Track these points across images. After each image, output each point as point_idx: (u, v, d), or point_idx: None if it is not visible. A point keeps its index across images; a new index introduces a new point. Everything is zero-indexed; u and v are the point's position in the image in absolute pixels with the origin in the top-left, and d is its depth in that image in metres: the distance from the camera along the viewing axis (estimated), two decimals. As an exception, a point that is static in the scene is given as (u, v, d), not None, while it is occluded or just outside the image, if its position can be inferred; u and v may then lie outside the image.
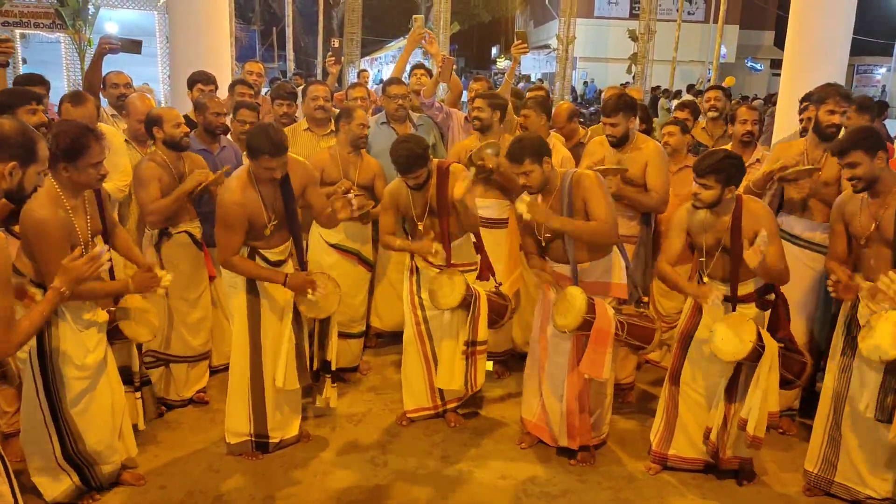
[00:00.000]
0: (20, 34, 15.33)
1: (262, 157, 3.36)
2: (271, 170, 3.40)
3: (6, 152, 2.40)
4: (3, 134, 2.41)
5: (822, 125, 3.90)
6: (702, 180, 3.29)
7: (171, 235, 3.99)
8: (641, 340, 3.55)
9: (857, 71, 27.96)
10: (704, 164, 3.29)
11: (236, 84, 5.24)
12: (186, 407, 4.22)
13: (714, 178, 3.25)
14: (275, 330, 3.63)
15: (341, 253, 4.46)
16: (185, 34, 8.29)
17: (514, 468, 3.71)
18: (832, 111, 3.86)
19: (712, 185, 3.27)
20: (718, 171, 3.24)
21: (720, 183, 3.26)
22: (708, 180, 3.27)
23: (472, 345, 3.89)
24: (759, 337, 3.24)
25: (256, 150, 3.36)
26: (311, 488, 3.49)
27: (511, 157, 3.50)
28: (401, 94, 4.92)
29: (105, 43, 4.17)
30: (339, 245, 4.45)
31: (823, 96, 3.89)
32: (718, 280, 3.46)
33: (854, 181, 3.24)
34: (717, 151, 3.37)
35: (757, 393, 3.29)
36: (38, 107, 3.61)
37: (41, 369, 3.03)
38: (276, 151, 3.36)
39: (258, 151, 3.36)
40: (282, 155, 3.39)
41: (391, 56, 29.70)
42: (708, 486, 3.58)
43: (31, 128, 2.52)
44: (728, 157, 3.30)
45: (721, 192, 3.27)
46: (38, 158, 2.49)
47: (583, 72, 27.92)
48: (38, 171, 2.50)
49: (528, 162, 3.44)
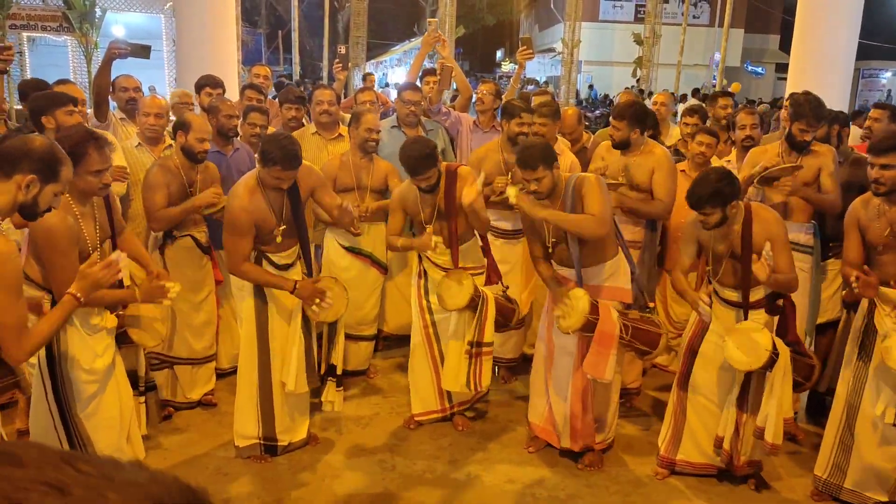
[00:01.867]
0: (27, 37, 15.40)
1: (275, 168, 3.37)
2: (280, 180, 3.41)
3: (29, 165, 2.42)
4: (31, 147, 2.44)
5: (795, 138, 4.01)
6: (700, 211, 3.30)
7: (175, 239, 4.00)
8: (647, 345, 3.55)
9: (863, 75, 27.90)
10: (696, 196, 3.27)
11: (246, 88, 5.27)
12: (195, 409, 4.23)
13: (709, 206, 3.26)
14: (283, 333, 3.64)
15: (355, 256, 4.48)
16: (191, 38, 8.35)
17: (522, 472, 3.71)
18: (803, 130, 3.96)
19: (712, 212, 3.28)
20: (713, 200, 3.24)
21: (718, 207, 3.26)
22: (705, 210, 3.28)
23: (477, 346, 3.89)
24: (774, 345, 3.24)
25: (270, 160, 3.36)
26: (318, 491, 3.49)
27: (524, 164, 3.49)
28: (415, 100, 4.92)
29: (114, 48, 4.19)
30: (353, 248, 4.46)
31: (798, 114, 3.97)
32: (729, 287, 3.46)
33: (879, 184, 3.22)
34: (704, 179, 3.31)
35: (772, 401, 3.28)
36: (76, 108, 3.67)
37: (50, 373, 3.04)
38: (290, 165, 3.37)
39: (272, 161, 3.36)
40: (294, 169, 3.40)
41: (396, 59, 29.78)
42: (715, 492, 3.58)
43: (61, 150, 2.53)
44: (716, 181, 3.25)
45: (724, 212, 3.28)
46: (59, 179, 2.50)
47: (587, 75, 27.92)
48: (56, 191, 2.51)
49: (541, 168, 3.44)
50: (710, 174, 3.33)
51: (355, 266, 4.45)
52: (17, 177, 2.41)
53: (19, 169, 2.42)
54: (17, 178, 2.41)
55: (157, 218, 3.86)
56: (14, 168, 2.42)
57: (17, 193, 2.41)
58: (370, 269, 4.56)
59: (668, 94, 6.35)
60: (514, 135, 4.44)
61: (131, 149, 4.28)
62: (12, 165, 2.43)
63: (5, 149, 2.48)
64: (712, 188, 3.23)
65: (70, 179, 2.62)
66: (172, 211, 3.85)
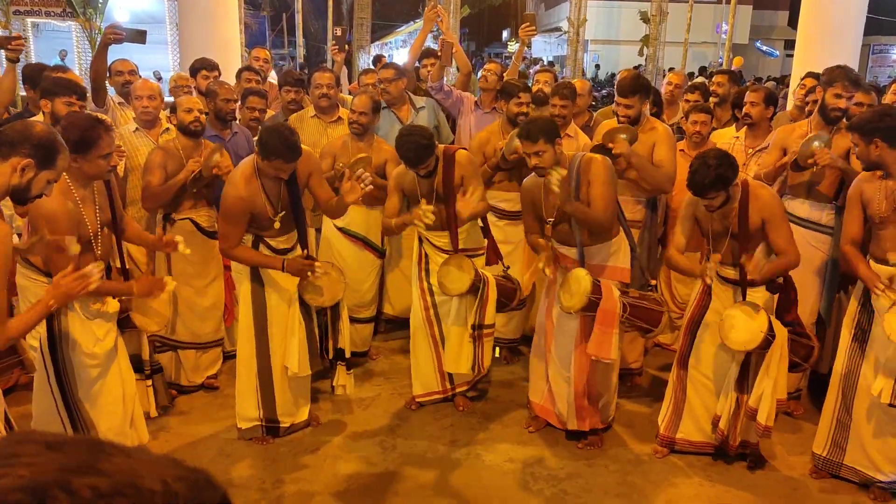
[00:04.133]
0: (31, 23, 15.39)
1: (276, 161, 3.34)
2: (281, 171, 3.40)
3: (27, 149, 2.45)
4: (31, 131, 2.48)
5: (828, 108, 3.86)
6: (705, 197, 3.28)
7: (174, 222, 4.03)
8: (648, 323, 3.55)
9: (873, 51, 27.50)
10: (699, 184, 3.24)
11: (243, 71, 5.26)
12: (197, 392, 4.27)
13: (713, 191, 3.24)
14: (282, 316, 3.66)
15: (349, 238, 4.50)
16: (194, 21, 8.31)
17: (522, 452, 3.73)
18: (839, 95, 3.81)
19: (717, 196, 3.27)
20: (716, 185, 3.22)
21: (721, 190, 3.25)
22: (710, 195, 3.27)
23: (479, 328, 3.91)
24: (769, 326, 3.23)
25: (271, 152, 3.32)
26: (320, 472, 3.53)
27: (526, 136, 3.48)
28: (386, 77, 4.93)
29: (110, 33, 4.19)
30: (346, 229, 4.48)
31: (832, 79, 3.83)
32: (728, 265, 3.45)
33: None
34: (703, 164, 3.24)
35: (766, 382, 3.28)
36: (77, 102, 3.71)
37: (52, 357, 3.08)
38: (291, 157, 3.36)
39: (273, 153, 3.32)
40: (295, 160, 3.38)
41: (401, 41, 29.57)
42: (714, 470, 3.59)
43: (60, 139, 2.56)
44: (716, 166, 3.21)
45: (728, 194, 3.27)
46: (55, 167, 2.53)
47: (594, 54, 27.65)
48: (50, 178, 2.54)
49: (542, 142, 3.43)
50: (708, 160, 3.26)
51: (351, 248, 4.47)
52: (14, 159, 2.44)
53: (17, 152, 2.45)
54: (13, 161, 2.43)
55: (145, 196, 3.91)
56: (12, 150, 2.45)
57: (11, 176, 2.44)
58: (363, 252, 4.57)
59: (682, 74, 6.21)
60: (514, 115, 4.44)
61: (129, 133, 4.29)
62: (10, 147, 2.45)
63: (6, 131, 2.51)
64: (714, 174, 3.20)
65: (65, 169, 2.64)
66: (157, 188, 3.86)
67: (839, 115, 3.84)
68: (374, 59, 11.85)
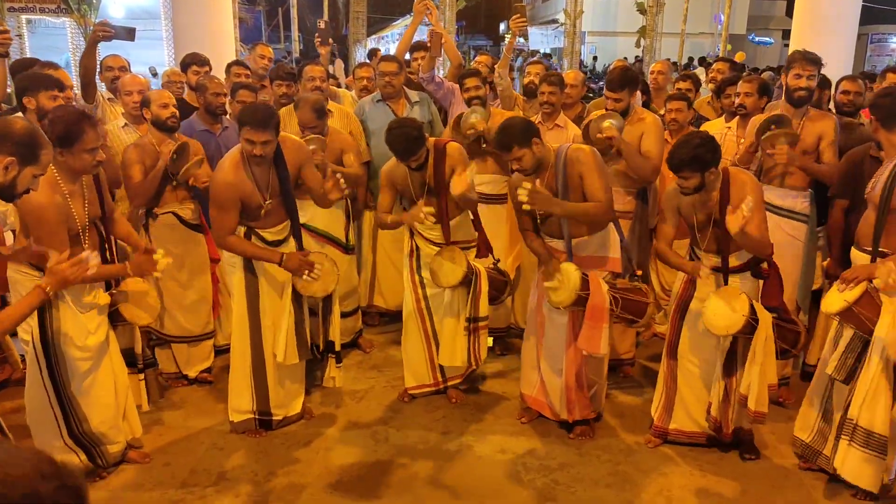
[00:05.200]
0: (26, 20, 15.35)
1: (244, 129, 3.38)
2: (252, 144, 3.39)
3: (8, 147, 2.46)
4: (11, 129, 2.50)
5: (791, 89, 3.92)
6: (679, 174, 3.28)
7: (156, 216, 4.04)
8: (634, 314, 3.56)
9: (871, 40, 27.43)
10: (676, 159, 3.26)
11: (232, 65, 5.26)
12: (191, 385, 4.29)
13: (688, 170, 3.24)
14: (274, 307, 3.67)
15: (311, 234, 4.40)
16: (188, 17, 8.33)
17: (514, 442, 3.75)
18: (798, 75, 3.88)
19: (690, 176, 3.26)
20: (691, 163, 3.23)
21: (697, 171, 3.24)
22: (684, 173, 3.27)
23: (473, 321, 3.92)
24: (751, 310, 3.24)
25: (241, 122, 3.41)
26: (312, 464, 3.54)
27: (500, 147, 3.50)
28: (389, 70, 4.91)
29: (99, 30, 4.18)
30: (307, 226, 4.36)
31: (791, 61, 3.94)
32: (713, 253, 3.45)
33: None
34: (686, 142, 3.29)
35: (754, 367, 3.29)
36: (60, 94, 3.70)
37: (44, 351, 3.09)
38: (258, 125, 3.35)
39: (241, 123, 3.41)
40: (263, 129, 3.36)
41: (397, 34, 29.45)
42: (705, 459, 3.61)
43: (41, 133, 2.58)
44: (697, 146, 3.23)
45: (702, 177, 3.26)
46: (39, 162, 2.55)
47: (591, 46, 27.56)
48: (35, 174, 2.56)
49: (515, 148, 3.43)
50: (692, 138, 3.31)
51: (314, 245, 4.32)
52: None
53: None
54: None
55: (131, 194, 3.93)
56: None
57: None
58: (328, 248, 4.44)
59: (667, 62, 6.32)
60: (468, 100, 4.60)
61: (117, 129, 4.30)
62: None
63: None
64: (692, 152, 3.22)
65: (50, 162, 2.66)
66: (142, 182, 3.89)
67: (803, 94, 3.89)
68: (370, 53, 11.82)
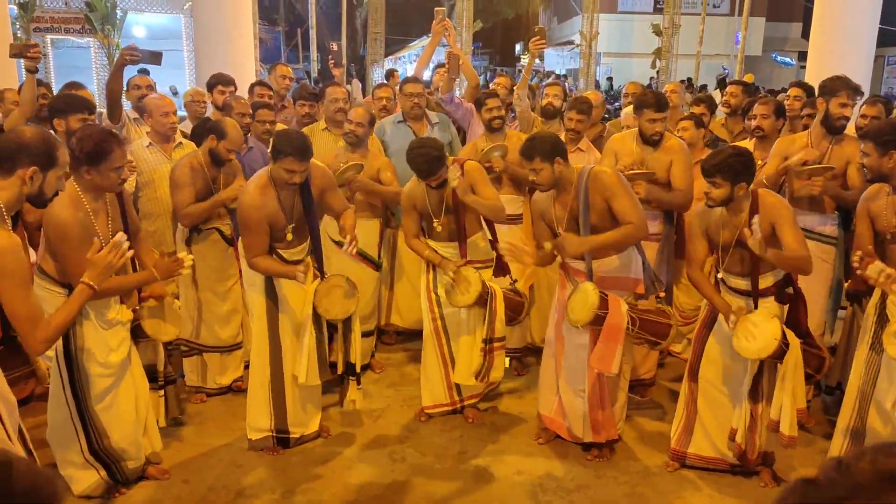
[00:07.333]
0: (51, 40, 15.66)
1: (287, 159, 3.40)
2: (292, 173, 3.44)
3: (26, 158, 2.52)
4: (23, 141, 2.54)
5: (833, 118, 3.89)
6: (710, 179, 3.29)
7: (201, 231, 4.15)
8: (656, 336, 3.53)
9: (888, 62, 27.33)
10: (710, 163, 3.28)
11: (255, 86, 5.33)
12: (213, 400, 4.34)
13: (721, 176, 3.24)
14: (294, 328, 3.69)
15: None
16: (209, 37, 8.47)
17: (531, 463, 3.73)
18: (844, 104, 3.84)
19: (721, 184, 3.25)
20: (724, 169, 3.23)
21: (728, 181, 3.24)
22: (716, 179, 3.26)
23: (489, 342, 3.92)
24: (783, 334, 3.22)
25: (281, 152, 3.41)
26: (329, 483, 3.54)
27: (523, 154, 3.54)
28: (416, 92, 4.96)
29: (126, 54, 4.27)
30: (341, 243, 4.44)
31: (835, 89, 3.87)
32: (736, 275, 3.44)
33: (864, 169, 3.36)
34: (723, 150, 3.36)
35: (786, 392, 3.25)
36: (89, 117, 3.84)
37: (67, 367, 3.12)
38: (301, 155, 3.41)
39: (283, 153, 3.41)
40: (305, 160, 3.44)
41: (415, 55, 29.73)
42: (724, 482, 3.57)
43: (51, 134, 2.65)
44: (734, 154, 3.27)
45: (731, 190, 3.25)
46: (58, 163, 2.61)
47: (607, 67, 27.68)
48: (59, 175, 2.62)
49: (538, 160, 3.47)
50: (729, 148, 3.38)
51: (348, 262, 4.39)
52: (19, 171, 2.51)
53: (19, 164, 2.52)
54: (19, 173, 2.51)
55: (186, 214, 4.01)
56: (14, 164, 2.52)
57: (21, 187, 2.52)
58: (361, 265, 4.54)
59: (679, 83, 6.34)
60: (487, 121, 4.63)
61: (142, 148, 4.38)
62: (11, 162, 2.52)
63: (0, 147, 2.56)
64: (728, 160, 3.23)
65: (68, 161, 2.71)
66: (201, 206, 4.00)
67: (844, 123, 3.87)
68: (387, 74, 11.95)
